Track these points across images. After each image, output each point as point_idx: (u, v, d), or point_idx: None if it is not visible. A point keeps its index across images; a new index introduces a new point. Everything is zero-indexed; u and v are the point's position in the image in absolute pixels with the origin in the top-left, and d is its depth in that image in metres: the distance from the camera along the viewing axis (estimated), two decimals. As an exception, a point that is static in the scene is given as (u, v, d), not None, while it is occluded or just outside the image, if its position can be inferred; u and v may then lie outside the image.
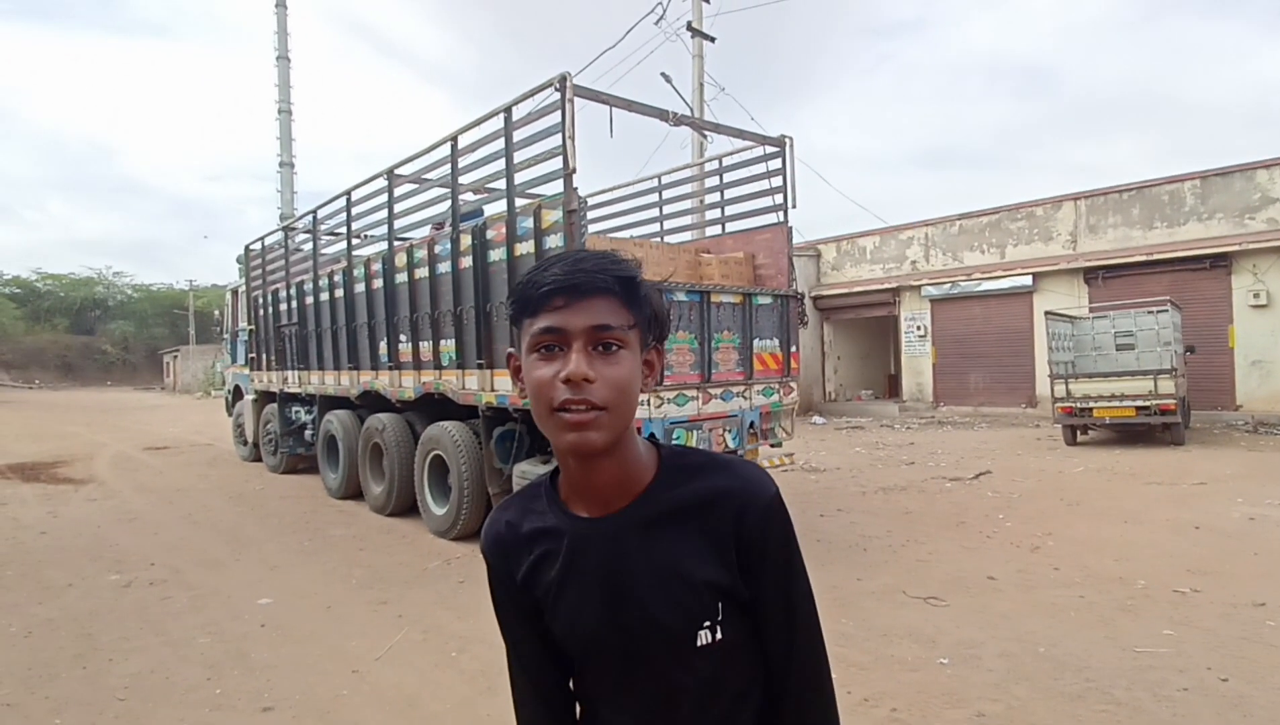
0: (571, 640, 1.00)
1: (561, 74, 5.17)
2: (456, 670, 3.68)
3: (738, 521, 0.95)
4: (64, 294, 59.08)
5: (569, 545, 0.98)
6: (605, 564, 0.96)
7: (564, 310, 0.89)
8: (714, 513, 0.96)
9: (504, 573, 1.04)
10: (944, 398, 17.92)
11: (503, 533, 1.04)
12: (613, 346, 0.90)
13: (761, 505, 0.96)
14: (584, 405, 0.87)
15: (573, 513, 0.99)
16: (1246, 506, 6.79)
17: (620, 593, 0.95)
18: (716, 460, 1.01)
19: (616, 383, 0.89)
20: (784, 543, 0.99)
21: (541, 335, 0.90)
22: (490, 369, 6.05)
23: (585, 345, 0.88)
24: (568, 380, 0.87)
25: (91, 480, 9.97)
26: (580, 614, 0.97)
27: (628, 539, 0.96)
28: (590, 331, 0.88)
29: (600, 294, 0.90)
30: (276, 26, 25.80)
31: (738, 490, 0.97)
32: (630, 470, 0.97)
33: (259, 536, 6.63)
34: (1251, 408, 13.49)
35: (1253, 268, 13.52)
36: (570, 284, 0.89)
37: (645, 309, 0.94)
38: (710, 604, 0.95)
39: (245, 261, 11.43)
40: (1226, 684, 3.25)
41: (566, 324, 0.88)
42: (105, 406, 28.56)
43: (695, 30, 16.05)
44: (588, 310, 0.89)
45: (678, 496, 0.97)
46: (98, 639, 4.14)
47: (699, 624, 0.95)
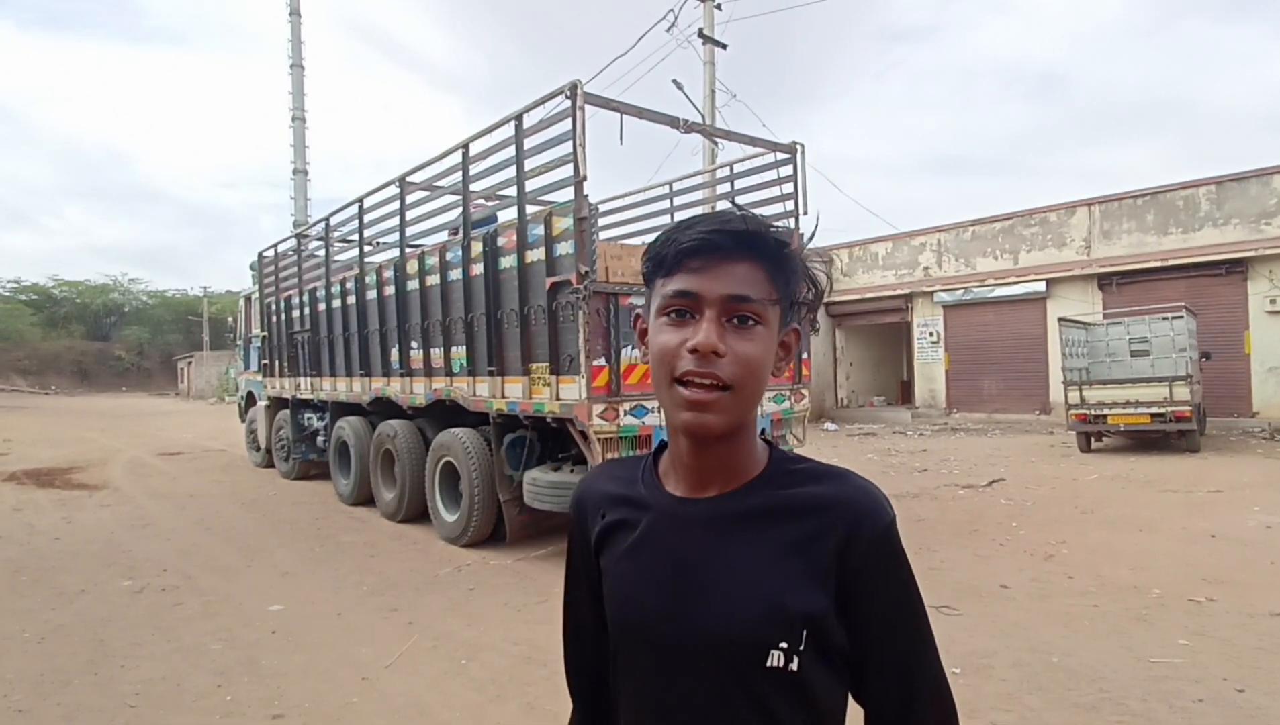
0: (620, 622, 0.92)
1: (572, 81, 5.19)
2: (466, 678, 3.68)
3: (845, 543, 0.83)
4: (80, 300, 59.77)
5: (649, 520, 0.91)
6: (683, 547, 0.88)
7: (700, 273, 0.81)
8: (819, 525, 0.84)
9: (578, 531, 1.01)
10: (957, 404, 17.81)
11: (585, 492, 1.01)
12: (749, 320, 0.81)
13: (879, 529, 0.84)
14: (709, 379, 0.80)
15: (664, 488, 0.92)
16: (1263, 514, 6.70)
17: (691, 582, 0.86)
18: (831, 469, 0.90)
19: (748, 361, 0.81)
20: (901, 581, 0.85)
21: (673, 298, 0.82)
22: (501, 376, 6.07)
23: (719, 315, 0.80)
24: (695, 350, 0.79)
25: (106, 486, 10.05)
26: (638, 594, 0.89)
27: (716, 527, 0.87)
28: (726, 300, 0.80)
29: (744, 259, 0.81)
30: (290, 35, 26.04)
31: (853, 504, 0.85)
32: (741, 460, 0.89)
33: (271, 543, 6.66)
34: (1268, 414, 13.33)
35: (1269, 273, 13.38)
36: (711, 244, 0.80)
37: (793, 284, 0.85)
38: (793, 626, 0.82)
39: (258, 268, 11.52)
40: (1243, 695, 3.21)
41: (701, 289, 0.80)
42: (120, 412, 28.82)
43: (706, 37, 16.08)
44: (727, 276, 0.81)
45: (782, 498, 0.87)
46: (110, 645, 4.16)
47: (774, 641, 0.82)
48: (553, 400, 5.49)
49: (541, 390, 5.64)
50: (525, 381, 5.79)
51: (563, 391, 5.46)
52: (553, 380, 5.51)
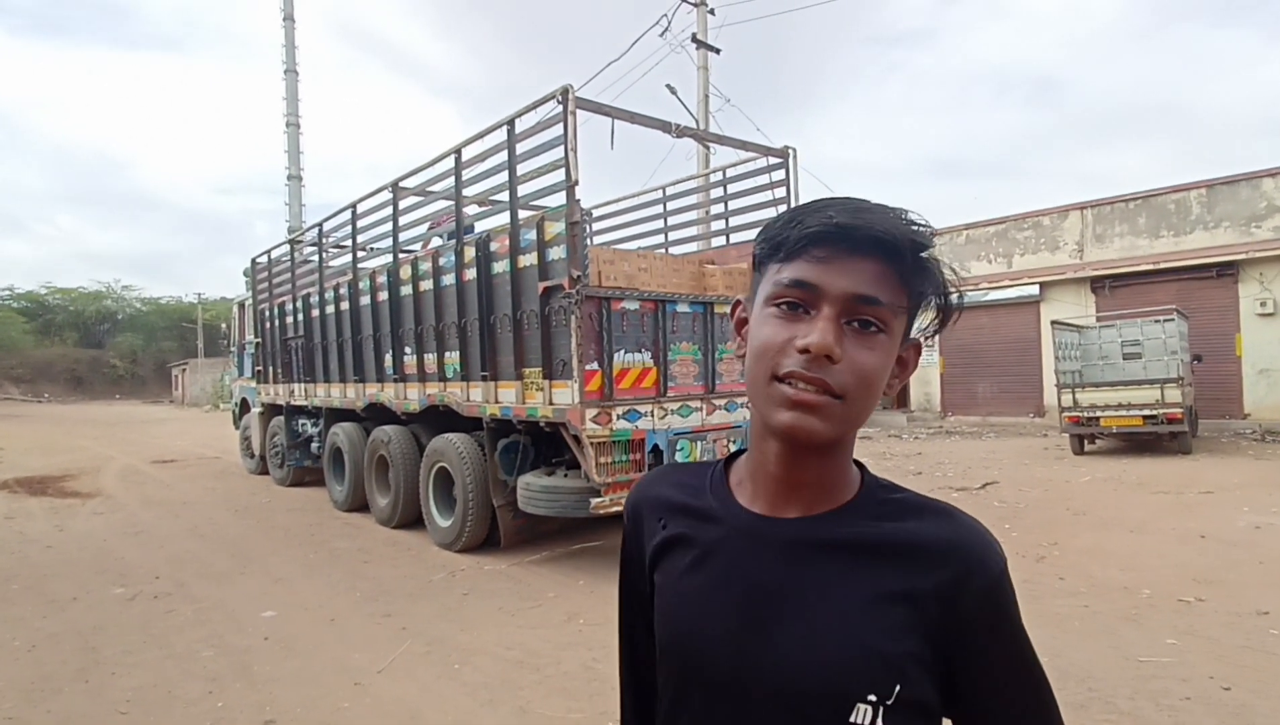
0: (674, 651, 0.80)
1: (563, 86, 5.22)
2: (459, 683, 3.68)
3: (954, 592, 0.72)
4: (73, 308, 59.54)
5: (718, 535, 0.80)
6: (758, 571, 0.76)
7: (825, 263, 0.70)
8: (922, 568, 0.73)
9: (633, 542, 0.91)
10: (952, 408, 17.87)
11: (642, 497, 0.90)
12: (872, 326, 0.71)
13: (993, 575, 0.73)
14: (816, 385, 0.69)
15: (737, 501, 0.81)
16: (1253, 515, 6.74)
17: (765, 612, 0.75)
18: (934, 503, 0.79)
19: (864, 372, 0.71)
20: (1015, 638, 0.75)
21: (788, 288, 0.71)
22: (494, 381, 6.08)
23: (839, 314, 0.70)
24: (806, 350, 0.69)
25: (98, 494, 10.01)
26: (699, 621, 0.78)
27: (800, 554, 0.76)
28: (851, 300, 0.70)
29: (877, 255, 0.70)
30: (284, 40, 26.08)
31: (963, 547, 0.74)
32: (834, 480, 0.78)
33: (264, 549, 6.65)
34: (1259, 416, 13.41)
35: (1259, 276, 13.48)
36: (845, 231, 0.69)
37: (926, 287, 0.74)
38: (884, 674, 0.71)
39: (252, 275, 11.52)
40: (1229, 693, 3.23)
41: (824, 281, 0.70)
42: (113, 420, 28.71)
43: (700, 42, 16.16)
44: (856, 271, 0.70)
45: (879, 532, 0.76)
46: (101, 652, 4.15)
47: (861, 693, 0.71)
48: (546, 405, 5.51)
49: (535, 395, 5.66)
50: (518, 386, 5.80)
51: (556, 396, 5.47)
52: (546, 385, 5.52)
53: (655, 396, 5.71)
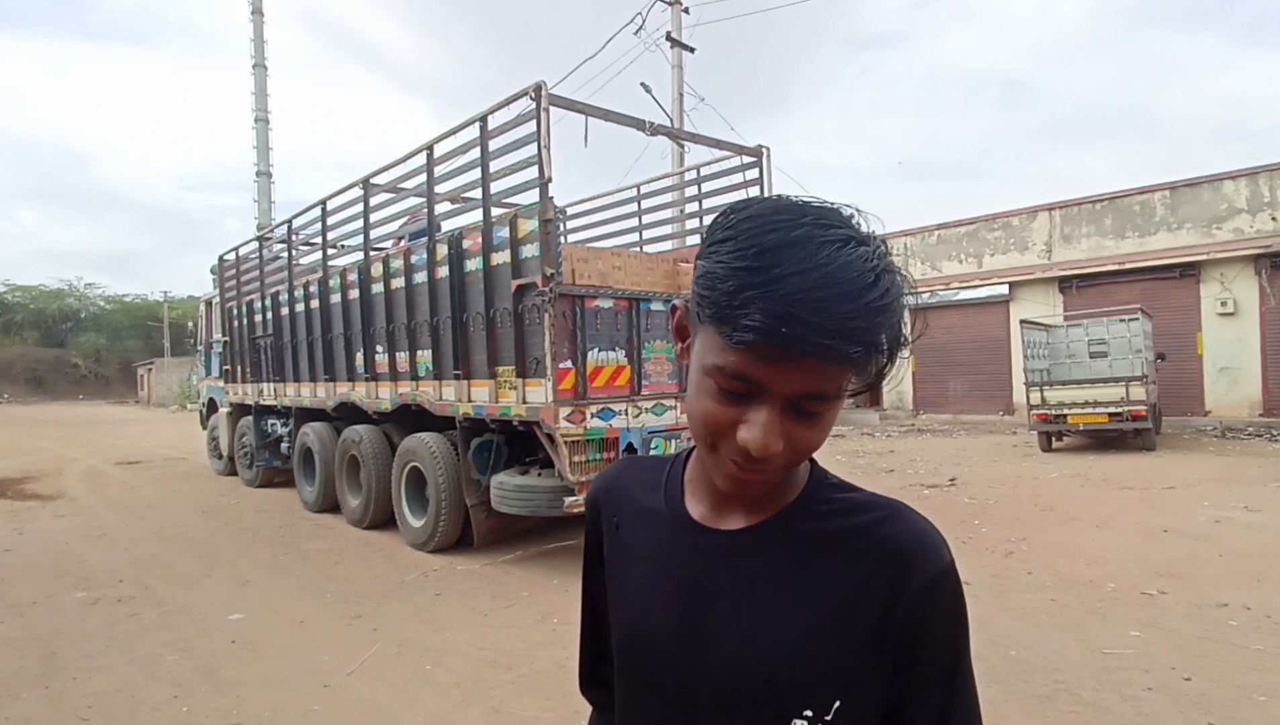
0: (625, 653, 0.82)
1: (537, 82, 5.19)
2: (430, 684, 3.65)
3: (898, 590, 0.70)
4: (34, 306, 58.03)
5: (664, 541, 0.80)
6: (704, 580, 0.76)
7: (770, 362, 0.63)
8: (869, 567, 0.71)
9: (592, 531, 0.92)
10: (924, 406, 18.09)
11: (600, 490, 0.92)
12: (815, 413, 0.67)
13: (937, 570, 0.71)
14: (757, 466, 0.68)
15: (685, 507, 0.80)
16: (1213, 509, 6.91)
17: (707, 613, 0.74)
18: (881, 500, 0.76)
19: (806, 448, 0.68)
20: (956, 634, 0.73)
21: (731, 380, 0.65)
22: (467, 380, 6.03)
23: (784, 409, 0.65)
24: (749, 446, 0.65)
25: (60, 496, 9.77)
26: (649, 626, 0.78)
27: (745, 561, 0.75)
28: (796, 397, 0.65)
29: (820, 356, 0.61)
30: (253, 34, 25.64)
31: (908, 543, 0.72)
32: (779, 488, 0.76)
33: (232, 552, 6.54)
34: (1220, 413, 13.75)
35: (1220, 277, 13.82)
36: (796, 343, 0.61)
37: (882, 362, 0.66)
38: (824, 686, 0.70)
39: (219, 272, 11.32)
40: (1189, 683, 3.30)
41: (768, 381, 0.64)
42: (77, 421, 28.05)
43: (675, 41, 16.18)
44: (803, 373, 0.63)
45: (821, 531, 0.74)
46: (62, 658, 4.05)
47: (799, 707, 0.70)
48: (519, 403, 5.48)
49: (508, 393, 5.62)
50: (491, 385, 5.76)
51: (529, 394, 5.45)
52: (519, 383, 5.49)
53: (629, 395, 5.71)
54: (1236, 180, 14.07)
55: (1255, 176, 13.86)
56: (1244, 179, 13.98)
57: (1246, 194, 13.92)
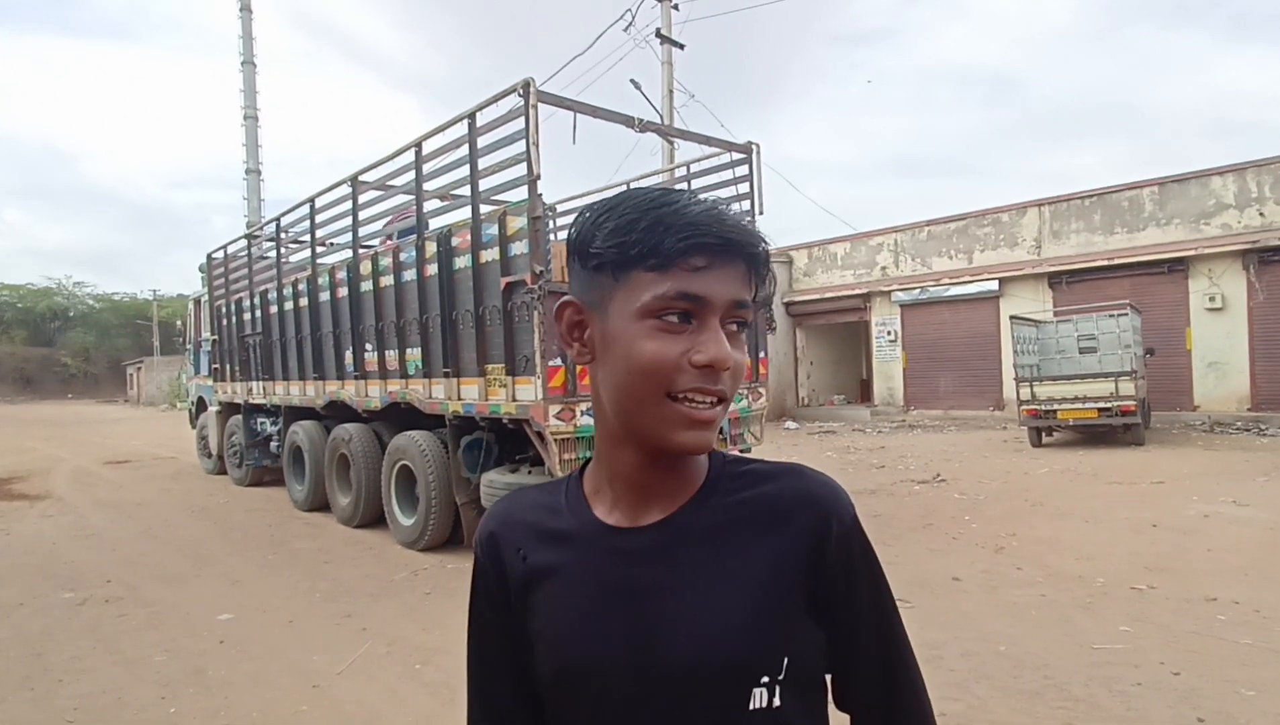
0: (561, 684, 0.77)
1: (525, 79, 5.16)
2: (420, 683, 3.63)
3: (818, 541, 0.74)
4: (22, 305, 57.65)
5: (585, 558, 0.78)
6: (639, 585, 0.75)
7: (706, 273, 0.68)
8: (788, 528, 0.75)
9: (491, 575, 0.83)
10: (914, 402, 18.14)
11: (497, 526, 0.84)
12: (742, 325, 0.73)
13: (848, 521, 0.76)
14: (714, 397, 0.70)
15: (596, 516, 0.79)
16: (1202, 504, 6.95)
17: (650, 619, 0.74)
18: (781, 465, 0.80)
19: (740, 370, 0.71)
20: (874, 574, 0.78)
21: (674, 300, 0.68)
22: (457, 377, 6.00)
23: (719, 324, 0.70)
24: (709, 365, 0.68)
25: (48, 496, 9.70)
26: (585, 649, 0.75)
27: (669, 555, 0.75)
28: (730, 306, 0.70)
29: (740, 259, 0.70)
30: (241, 31, 25.41)
31: (819, 500, 0.76)
32: (691, 470, 0.78)
33: (221, 551, 6.50)
34: (1208, 408, 13.84)
35: (1208, 272, 13.89)
36: (725, 243, 0.68)
37: (768, 282, 0.75)
38: (772, 652, 0.73)
39: (208, 270, 11.24)
40: (1178, 678, 3.32)
41: (709, 293, 0.68)
42: (65, 420, 27.85)
43: (664, 37, 16.13)
44: (731, 277, 0.70)
45: (735, 506, 0.76)
46: (48, 659, 4.02)
47: (757, 675, 0.72)
48: (509, 401, 5.46)
49: (498, 391, 5.60)
50: (481, 383, 5.73)
51: (519, 392, 5.43)
52: (509, 381, 5.47)
53: None
54: (1224, 176, 14.13)
55: (1243, 172, 13.92)
56: (1232, 175, 14.04)
57: (1234, 189, 13.99)
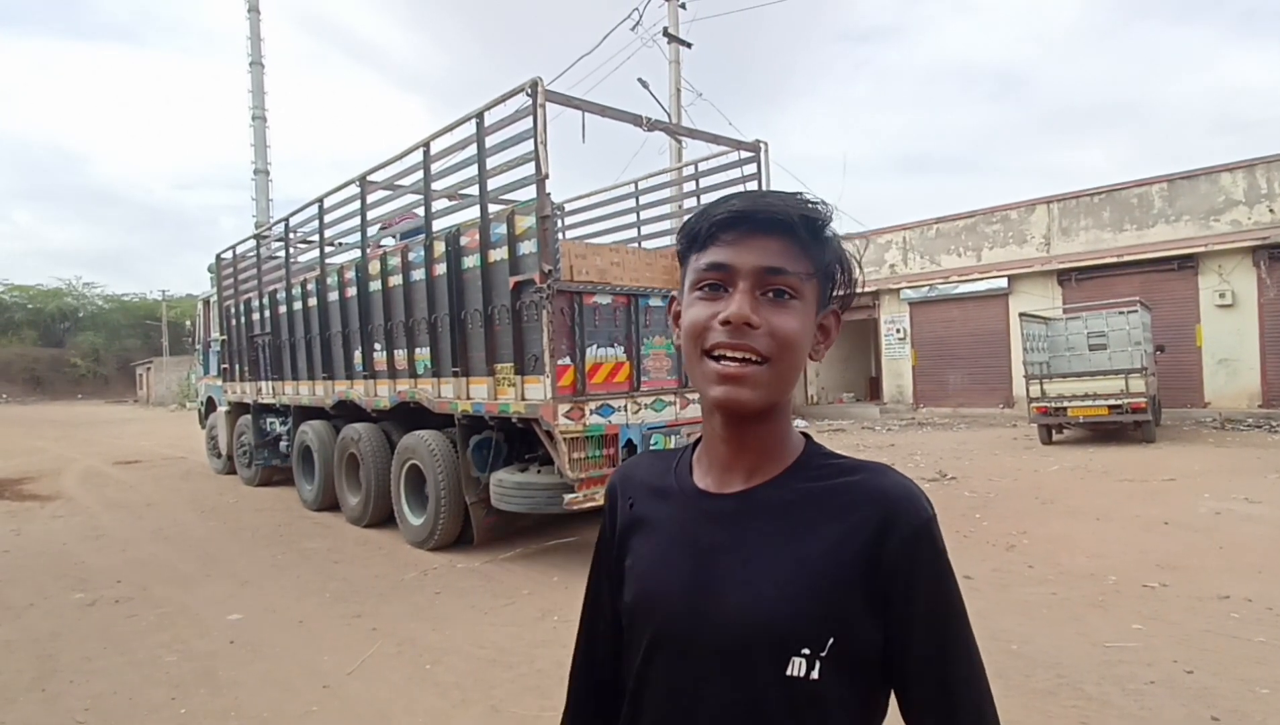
0: (637, 610, 0.88)
1: (533, 79, 5.16)
2: (430, 683, 3.63)
3: (882, 536, 0.78)
4: (32, 306, 57.94)
5: (674, 513, 0.88)
6: (709, 543, 0.84)
7: (734, 245, 0.79)
8: (852, 520, 0.79)
9: (607, 518, 0.99)
10: (924, 399, 18.07)
11: (618, 479, 1.00)
12: (785, 294, 0.79)
13: (917, 522, 0.79)
14: (742, 352, 0.77)
15: (693, 481, 0.89)
16: (1213, 501, 6.90)
17: (713, 573, 0.82)
18: (868, 463, 0.86)
19: (784, 334, 0.78)
20: (940, 580, 0.79)
21: (706, 271, 0.80)
22: (466, 377, 6.01)
23: (753, 287, 0.78)
24: (727, 322, 0.77)
25: (58, 496, 9.75)
26: (661, 589, 0.85)
27: (741, 518, 0.83)
28: (760, 273, 0.78)
29: (778, 232, 0.79)
30: (249, 32, 25.50)
31: (890, 497, 0.80)
32: (775, 446, 0.85)
33: (231, 551, 6.52)
34: (1219, 405, 13.74)
35: (1218, 268, 13.80)
36: (746, 216, 0.79)
37: (828, 257, 0.82)
38: (817, 627, 0.77)
39: (216, 271, 11.28)
40: (1192, 676, 3.29)
41: (735, 261, 0.79)
42: (75, 420, 28.01)
43: (672, 36, 16.11)
44: (761, 248, 0.79)
45: (811, 490, 0.83)
46: (58, 660, 4.03)
47: (796, 645, 0.77)
48: (518, 400, 5.45)
49: (507, 391, 5.60)
50: (490, 382, 5.73)
51: (528, 391, 5.42)
52: (518, 380, 5.46)
53: (629, 391, 5.69)
54: (1234, 172, 14.03)
55: (1253, 168, 13.82)
56: (1241, 171, 13.94)
57: (1244, 186, 13.88)
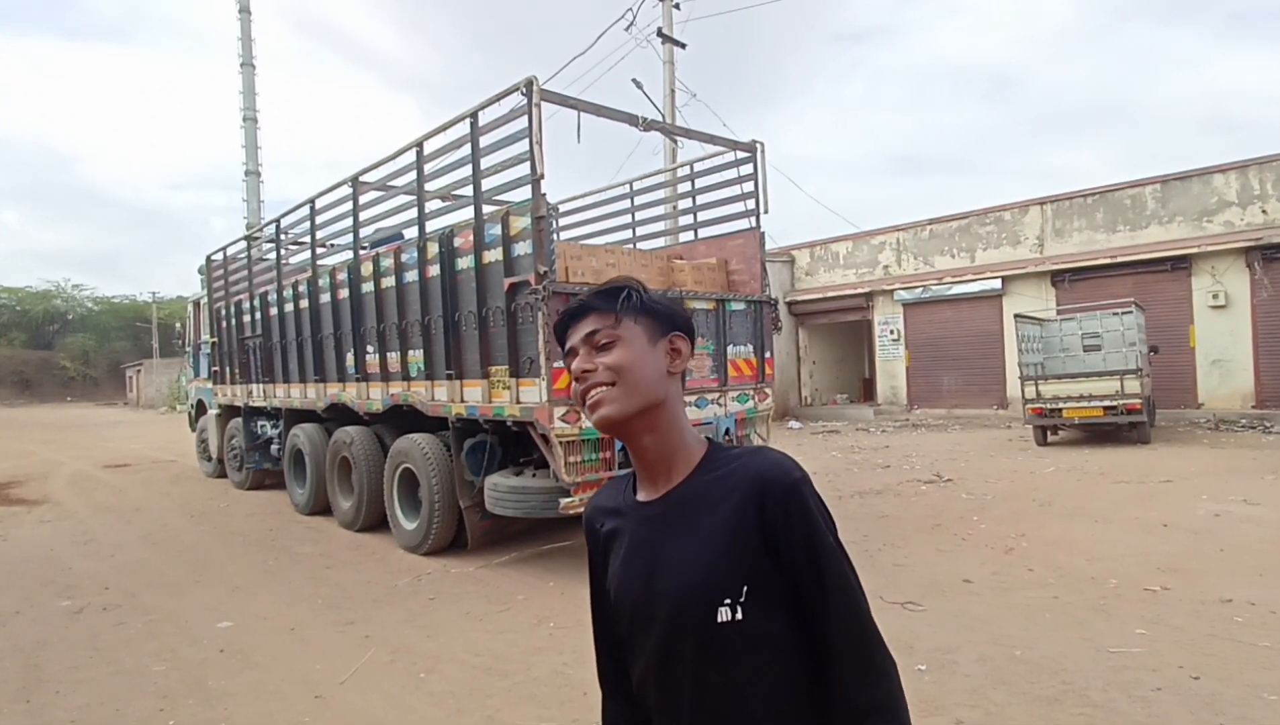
0: (620, 612, 1.13)
1: (528, 78, 5.10)
2: (425, 692, 3.56)
3: (763, 497, 1.03)
4: (20, 307, 57.44)
5: (627, 524, 1.14)
6: (650, 540, 1.10)
7: (571, 332, 1.14)
8: (744, 490, 1.04)
9: (590, 541, 1.23)
10: (918, 401, 18.06)
11: (592, 508, 1.25)
12: (606, 342, 1.09)
13: (786, 484, 1.03)
14: (593, 388, 1.08)
15: (635, 496, 1.15)
16: (1211, 503, 6.88)
17: (657, 566, 1.07)
18: (750, 449, 1.12)
19: (612, 362, 1.08)
20: (807, 523, 1.03)
21: (567, 355, 1.14)
22: (459, 380, 5.94)
23: (588, 350, 1.10)
24: (576, 377, 1.10)
25: (46, 501, 9.63)
26: (627, 586, 1.11)
27: (669, 517, 1.09)
28: (586, 339, 1.11)
29: (588, 313, 1.12)
30: (240, 33, 25.35)
31: (765, 468, 1.05)
32: (672, 453, 1.11)
33: (221, 557, 6.43)
34: (1213, 406, 13.76)
35: (1211, 269, 13.83)
36: (567, 314, 1.15)
37: (628, 308, 1.11)
38: (731, 580, 1.02)
39: (207, 272, 11.17)
40: (1198, 682, 3.25)
41: (571, 341, 1.13)
42: (64, 423, 27.78)
43: (666, 36, 16.08)
44: (582, 327, 1.12)
45: (710, 481, 1.08)
46: (45, 670, 3.95)
47: (718, 599, 1.01)
48: (513, 403, 5.39)
49: (501, 393, 5.53)
50: (484, 385, 5.67)
51: (523, 394, 5.36)
52: (513, 383, 5.40)
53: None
54: (1226, 173, 14.06)
55: (1245, 170, 13.85)
56: (1234, 172, 13.97)
57: (1237, 187, 13.91)
